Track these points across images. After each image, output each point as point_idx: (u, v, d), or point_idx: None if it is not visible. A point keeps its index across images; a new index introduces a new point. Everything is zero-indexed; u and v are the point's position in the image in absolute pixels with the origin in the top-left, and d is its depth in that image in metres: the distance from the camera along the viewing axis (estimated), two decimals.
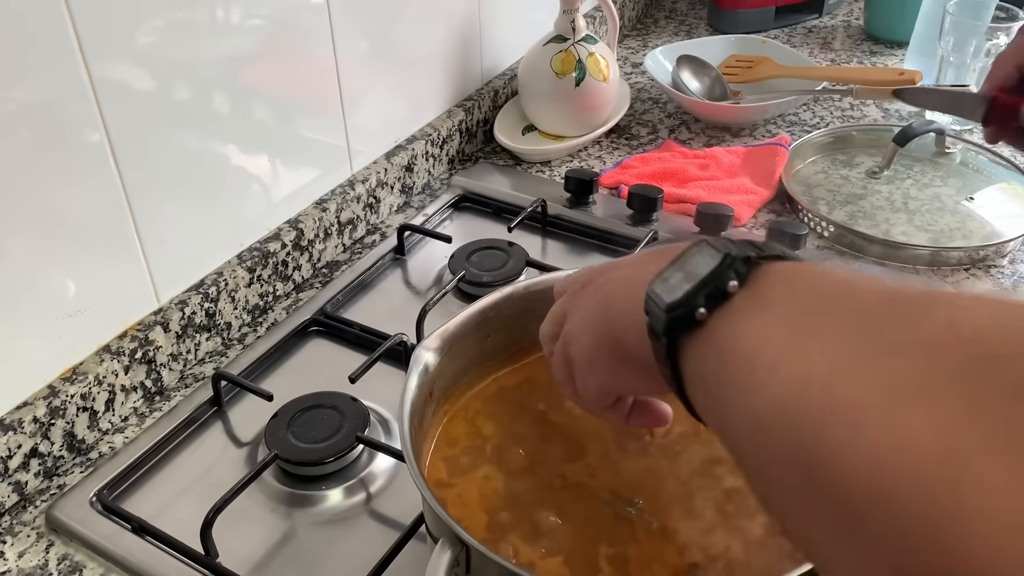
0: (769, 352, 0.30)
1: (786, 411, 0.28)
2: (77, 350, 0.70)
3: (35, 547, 0.63)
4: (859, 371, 0.26)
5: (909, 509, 0.23)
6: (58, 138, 0.64)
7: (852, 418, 0.25)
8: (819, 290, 0.31)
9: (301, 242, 0.86)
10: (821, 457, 0.25)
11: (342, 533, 0.63)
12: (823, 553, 0.27)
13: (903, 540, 0.23)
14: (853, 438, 0.25)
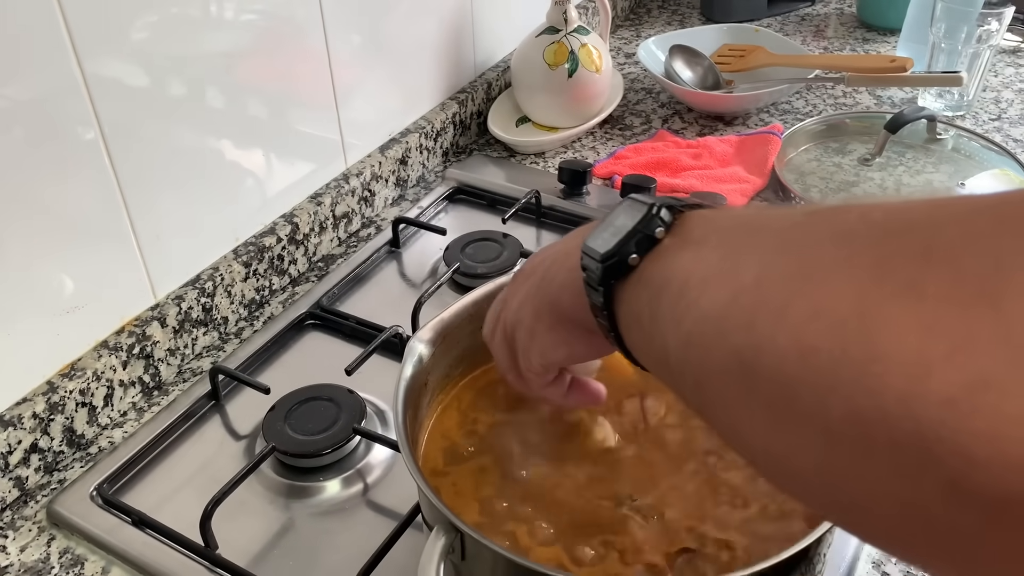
0: (699, 275, 0.31)
1: (719, 320, 0.29)
2: (75, 346, 0.70)
3: (36, 541, 0.64)
4: (783, 267, 0.28)
5: (832, 367, 0.24)
6: (52, 135, 0.64)
7: (777, 305, 0.27)
8: (741, 220, 0.33)
9: (296, 236, 0.87)
10: (753, 349, 0.27)
11: (340, 524, 0.64)
12: (765, 449, 0.28)
13: (831, 399, 0.24)
14: (779, 321, 0.26)
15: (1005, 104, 1.13)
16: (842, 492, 0.25)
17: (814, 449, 0.26)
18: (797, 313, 0.26)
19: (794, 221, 0.30)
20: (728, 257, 0.31)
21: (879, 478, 0.24)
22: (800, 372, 0.25)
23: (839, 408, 0.24)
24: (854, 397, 0.24)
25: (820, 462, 0.25)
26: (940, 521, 0.22)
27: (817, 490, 0.27)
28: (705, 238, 0.33)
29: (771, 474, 0.29)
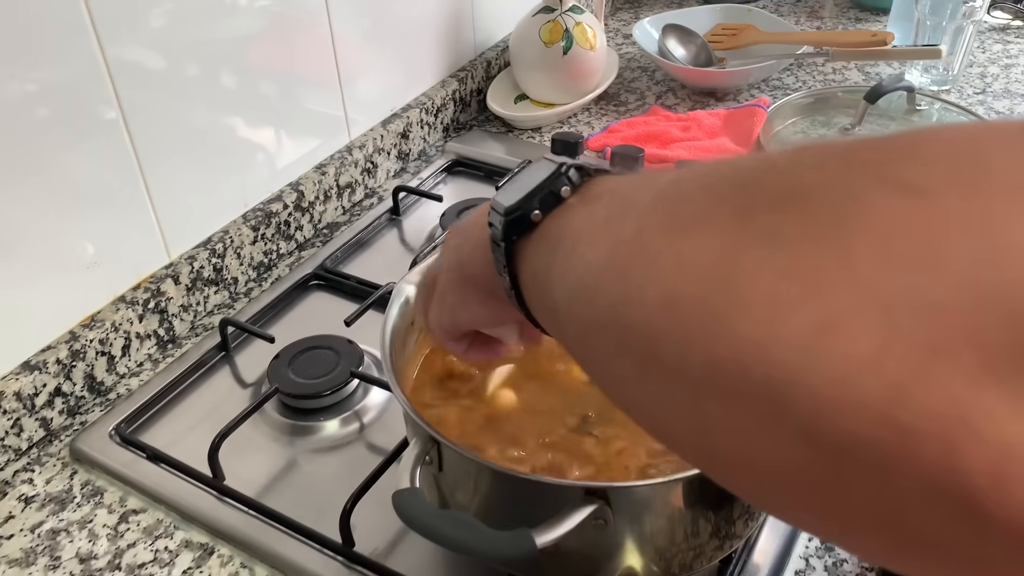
0: (587, 230, 0.32)
1: (598, 272, 0.29)
2: (95, 300, 0.76)
3: (60, 475, 0.69)
4: (657, 220, 0.28)
5: (693, 316, 0.24)
6: (76, 113, 0.70)
7: (648, 257, 0.27)
8: (635, 180, 0.33)
9: (302, 204, 0.92)
10: (624, 301, 0.27)
11: (337, 459, 0.69)
12: (639, 404, 0.28)
13: (693, 350, 0.24)
14: (649, 271, 0.27)
15: (990, 79, 1.16)
16: (714, 447, 0.25)
17: (682, 403, 0.25)
18: (665, 263, 0.26)
19: (675, 177, 0.29)
20: (614, 213, 0.31)
21: (744, 430, 0.23)
22: (664, 323, 0.25)
23: (699, 358, 0.24)
24: (713, 346, 0.23)
25: (689, 416, 0.25)
26: (801, 472, 0.22)
27: (692, 446, 0.26)
28: (600, 196, 0.34)
29: (649, 429, 0.29)
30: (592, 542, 0.48)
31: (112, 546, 0.63)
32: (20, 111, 0.66)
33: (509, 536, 0.42)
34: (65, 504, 0.67)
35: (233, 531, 0.63)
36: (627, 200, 0.31)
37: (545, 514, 0.45)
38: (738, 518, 0.53)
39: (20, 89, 0.65)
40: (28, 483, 0.68)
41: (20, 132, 0.66)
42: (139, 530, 0.64)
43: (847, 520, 0.22)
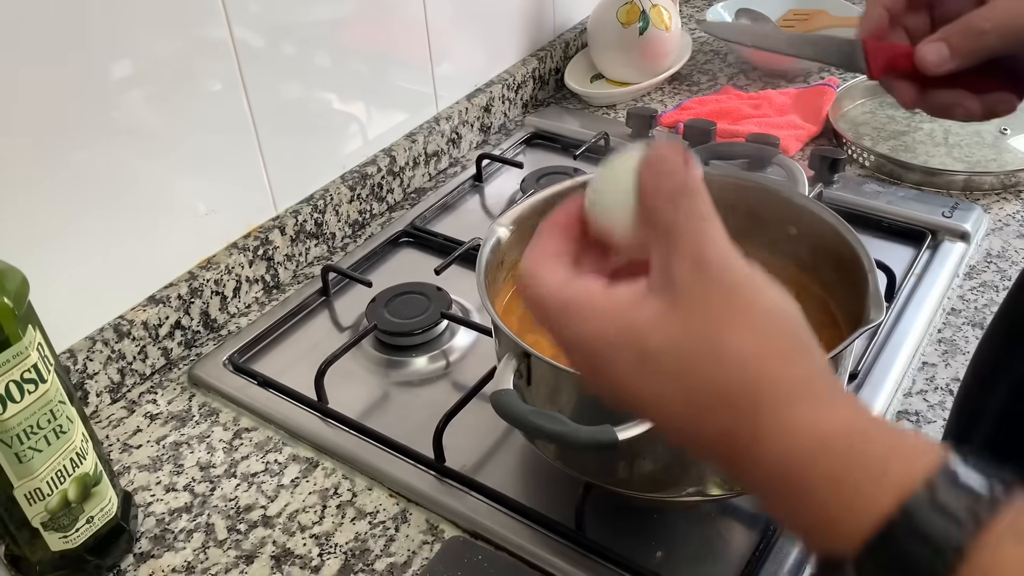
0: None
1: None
2: (212, 244, 0.84)
3: (180, 397, 0.77)
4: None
5: None
6: (208, 83, 0.78)
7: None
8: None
9: (394, 168, 0.99)
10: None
11: (425, 392, 0.75)
12: None
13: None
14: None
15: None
16: None
17: None
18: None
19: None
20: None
21: None
22: None
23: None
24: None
25: None
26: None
27: None
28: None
29: None
30: (667, 451, 0.54)
31: (228, 457, 0.71)
32: (157, 81, 0.74)
33: (595, 430, 0.48)
34: (185, 422, 0.75)
35: (336, 447, 0.70)
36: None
37: (624, 421, 0.50)
38: None
39: (160, 62, 0.74)
40: (152, 403, 0.77)
41: (156, 100, 0.74)
42: (251, 445, 0.72)
43: None
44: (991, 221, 0.90)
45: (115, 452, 0.72)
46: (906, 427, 0.25)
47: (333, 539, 0.64)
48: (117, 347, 0.75)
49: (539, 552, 0.60)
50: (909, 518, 0.27)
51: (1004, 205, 0.92)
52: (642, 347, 0.32)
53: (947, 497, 0.27)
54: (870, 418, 0.31)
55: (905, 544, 0.27)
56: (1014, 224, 0.89)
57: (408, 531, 0.64)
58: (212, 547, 0.64)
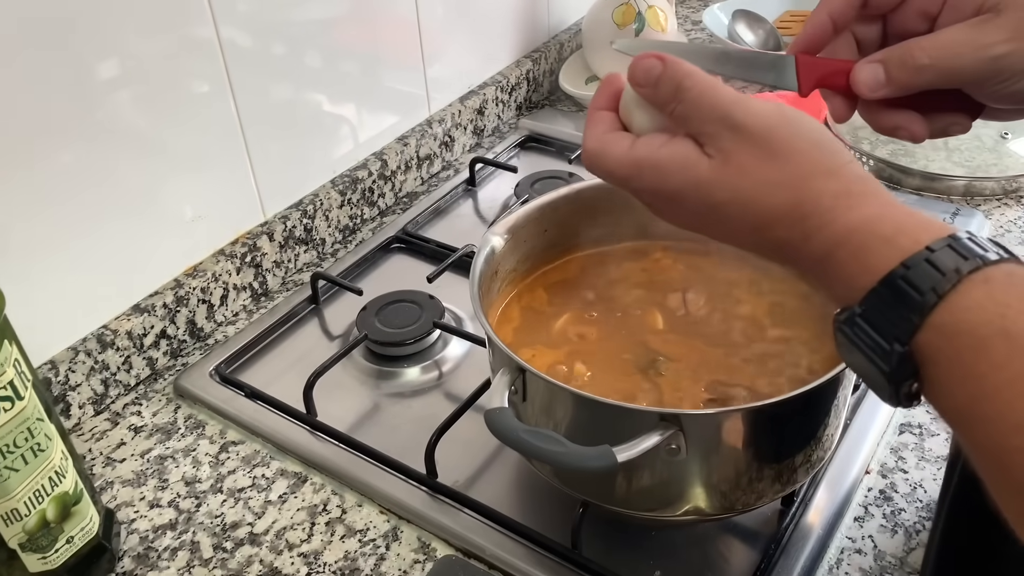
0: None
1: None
2: (198, 251, 0.82)
3: (165, 409, 0.75)
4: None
5: None
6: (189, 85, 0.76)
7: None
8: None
9: (385, 172, 0.97)
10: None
11: (417, 403, 0.74)
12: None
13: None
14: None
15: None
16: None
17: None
18: None
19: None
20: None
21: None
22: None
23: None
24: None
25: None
26: None
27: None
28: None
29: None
30: (665, 470, 0.52)
31: (214, 472, 0.69)
32: (141, 84, 0.72)
33: (593, 451, 0.46)
34: (171, 434, 0.73)
35: (325, 462, 0.68)
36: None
37: (622, 439, 0.48)
38: (800, 465, 0.56)
39: (145, 63, 0.71)
40: (136, 415, 0.75)
41: (142, 102, 0.72)
42: (238, 459, 0.70)
43: None
44: (992, 228, 0.89)
45: (98, 466, 0.70)
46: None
47: (322, 558, 0.62)
48: (100, 358, 0.73)
49: (534, 571, 0.59)
50: (905, 269, 0.36)
51: (1005, 211, 0.91)
52: (709, 200, 0.41)
53: (939, 257, 0.35)
54: (894, 206, 0.39)
55: (898, 287, 0.36)
56: (1015, 231, 0.88)
57: (399, 549, 0.62)
58: (197, 566, 0.62)
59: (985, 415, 0.34)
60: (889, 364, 0.36)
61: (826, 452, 0.58)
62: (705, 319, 0.64)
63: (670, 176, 0.42)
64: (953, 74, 0.46)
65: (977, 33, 0.45)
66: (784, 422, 0.53)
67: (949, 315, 0.35)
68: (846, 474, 0.64)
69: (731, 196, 0.41)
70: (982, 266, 0.35)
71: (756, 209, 0.40)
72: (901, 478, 0.65)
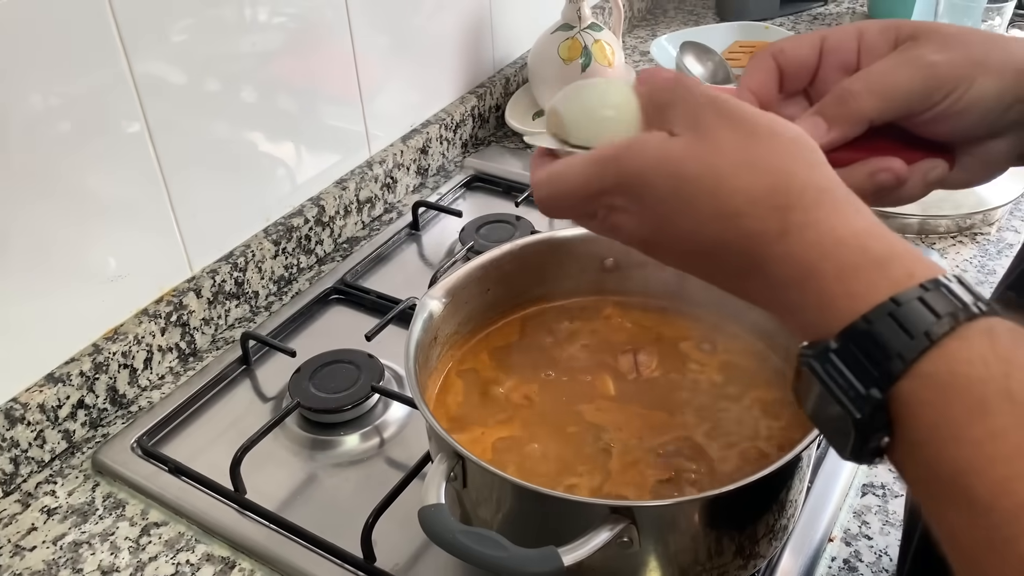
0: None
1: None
2: (118, 312, 0.76)
3: (82, 487, 0.69)
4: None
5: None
6: (101, 127, 0.70)
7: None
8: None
9: (323, 218, 0.92)
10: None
11: (357, 474, 0.69)
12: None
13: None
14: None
15: None
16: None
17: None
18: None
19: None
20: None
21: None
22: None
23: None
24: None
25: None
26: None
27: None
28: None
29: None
30: (617, 562, 0.48)
31: (134, 559, 0.63)
32: (47, 124, 0.67)
33: (536, 554, 0.42)
34: (87, 516, 0.67)
35: (254, 545, 0.63)
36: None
37: (570, 532, 0.45)
38: (762, 537, 0.53)
39: (47, 102, 0.66)
40: (50, 495, 0.69)
41: (47, 145, 0.67)
42: (161, 543, 0.65)
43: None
44: (948, 267, 0.87)
45: (4, 556, 0.64)
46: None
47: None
48: (9, 435, 0.68)
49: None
50: (896, 305, 0.31)
51: (960, 249, 0.89)
52: (676, 173, 0.36)
53: (935, 298, 0.31)
54: (884, 228, 0.35)
55: (885, 326, 0.31)
56: (971, 270, 0.86)
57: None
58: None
59: (973, 493, 0.28)
60: (862, 411, 0.31)
61: (789, 520, 0.55)
62: (658, 383, 0.60)
63: (633, 160, 0.37)
64: (892, 96, 0.42)
65: (902, 56, 0.42)
66: (745, 505, 0.50)
67: (943, 364, 0.30)
68: (809, 541, 0.61)
69: (702, 170, 0.36)
70: (979, 315, 0.31)
71: (728, 188, 0.35)
72: (865, 545, 0.61)
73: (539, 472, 0.54)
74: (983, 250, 0.89)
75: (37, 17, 0.63)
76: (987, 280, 0.84)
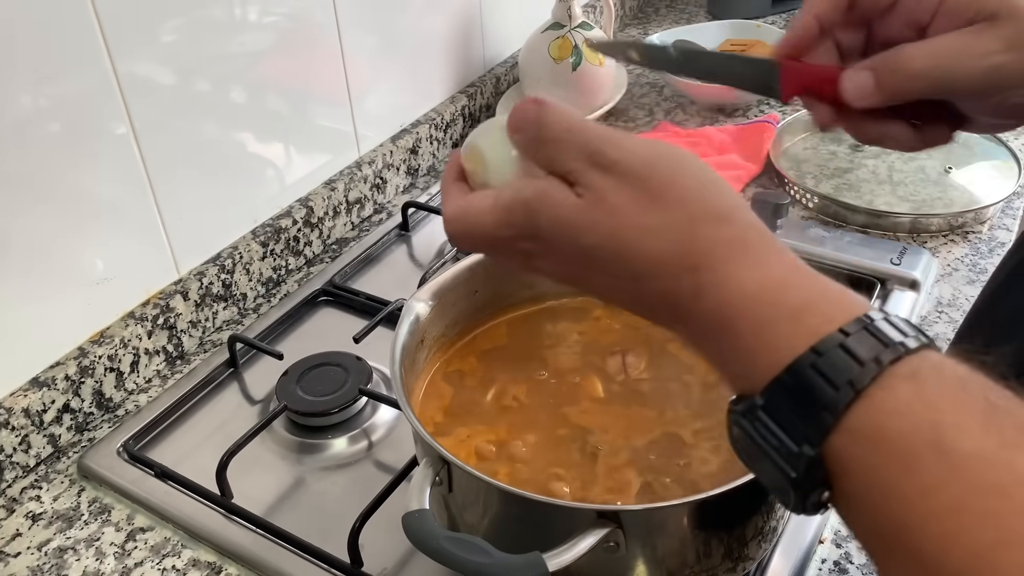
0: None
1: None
2: (104, 316, 0.75)
3: (68, 492, 0.69)
4: None
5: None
6: (86, 129, 0.70)
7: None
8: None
9: (311, 219, 0.92)
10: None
11: (345, 478, 0.68)
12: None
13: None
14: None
15: None
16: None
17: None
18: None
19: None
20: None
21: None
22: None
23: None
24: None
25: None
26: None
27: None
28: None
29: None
30: (603, 566, 0.48)
31: (119, 565, 0.63)
32: (31, 126, 0.66)
33: (521, 560, 0.41)
34: (72, 522, 0.66)
35: (241, 550, 0.62)
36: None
37: (556, 536, 0.44)
38: (751, 539, 0.52)
39: (32, 104, 0.66)
40: (35, 500, 0.68)
41: (31, 147, 0.66)
42: (146, 548, 0.64)
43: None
44: (940, 266, 0.86)
45: None
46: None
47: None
48: None
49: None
50: (817, 356, 0.30)
51: (952, 248, 0.89)
52: (577, 244, 0.36)
53: (856, 342, 0.30)
54: (801, 272, 0.34)
55: (808, 378, 0.30)
56: (963, 269, 0.86)
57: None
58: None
59: (919, 549, 0.28)
60: (796, 470, 0.30)
61: (779, 522, 0.55)
62: (646, 384, 0.60)
63: (539, 214, 0.37)
64: (947, 84, 0.42)
65: (973, 41, 0.42)
66: (733, 507, 0.49)
67: (869, 417, 0.29)
68: (799, 544, 0.61)
69: (601, 240, 0.36)
70: (903, 355, 0.30)
71: (632, 255, 0.35)
72: (856, 547, 0.61)
73: (526, 475, 0.54)
74: (975, 248, 0.88)
75: (16, 17, 0.63)
76: (978, 279, 0.84)
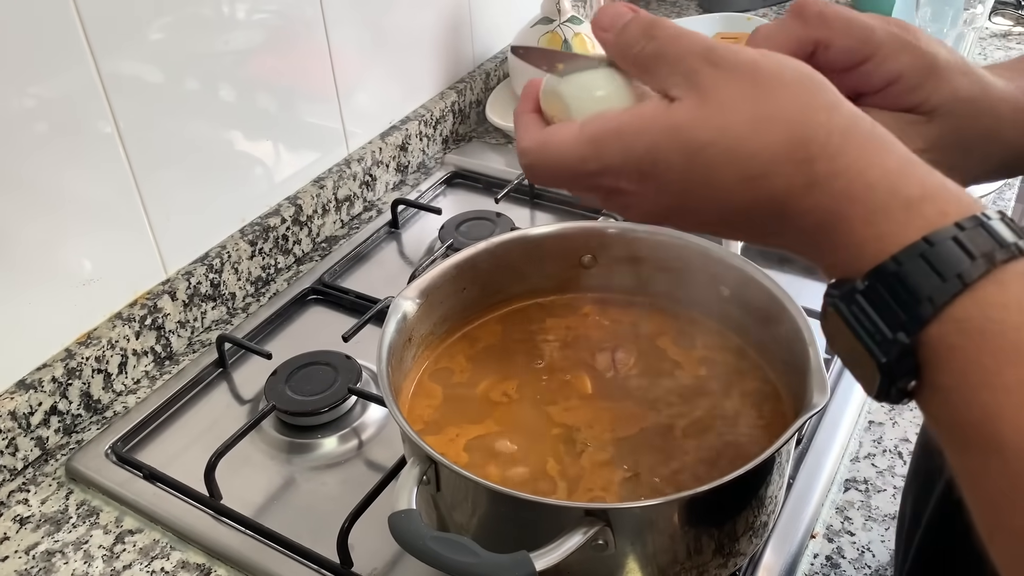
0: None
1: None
2: (92, 317, 0.75)
3: (56, 495, 0.68)
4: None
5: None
6: (72, 129, 0.69)
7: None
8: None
9: (300, 217, 0.91)
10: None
11: (335, 477, 0.68)
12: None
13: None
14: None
15: None
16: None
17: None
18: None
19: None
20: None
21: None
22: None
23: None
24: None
25: None
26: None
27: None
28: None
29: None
30: (592, 564, 0.47)
31: (108, 568, 0.62)
32: (15, 126, 0.65)
33: (508, 559, 0.41)
34: (60, 525, 0.66)
35: (230, 551, 0.62)
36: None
37: (545, 535, 0.44)
38: (742, 535, 0.52)
39: (16, 104, 0.65)
40: (23, 503, 0.68)
41: (15, 147, 0.66)
42: (135, 551, 0.64)
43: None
44: None
45: None
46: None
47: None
48: None
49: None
50: (928, 245, 0.30)
51: None
52: (690, 145, 0.34)
53: (971, 237, 0.29)
54: (916, 164, 0.32)
55: (915, 266, 0.30)
56: None
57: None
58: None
59: (1000, 439, 0.27)
60: (888, 355, 0.30)
61: (770, 517, 0.55)
62: (635, 380, 0.60)
63: (639, 136, 0.34)
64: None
65: (899, 131, 0.37)
66: (723, 503, 0.49)
67: (976, 308, 0.29)
68: (791, 539, 0.60)
69: (716, 135, 0.33)
70: (1017, 255, 0.29)
71: (748, 150, 0.33)
72: (848, 541, 0.61)
73: (514, 473, 0.54)
74: None
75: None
76: None
